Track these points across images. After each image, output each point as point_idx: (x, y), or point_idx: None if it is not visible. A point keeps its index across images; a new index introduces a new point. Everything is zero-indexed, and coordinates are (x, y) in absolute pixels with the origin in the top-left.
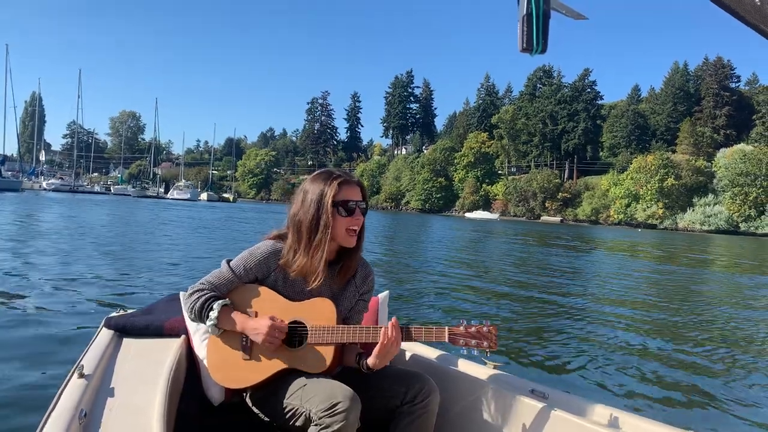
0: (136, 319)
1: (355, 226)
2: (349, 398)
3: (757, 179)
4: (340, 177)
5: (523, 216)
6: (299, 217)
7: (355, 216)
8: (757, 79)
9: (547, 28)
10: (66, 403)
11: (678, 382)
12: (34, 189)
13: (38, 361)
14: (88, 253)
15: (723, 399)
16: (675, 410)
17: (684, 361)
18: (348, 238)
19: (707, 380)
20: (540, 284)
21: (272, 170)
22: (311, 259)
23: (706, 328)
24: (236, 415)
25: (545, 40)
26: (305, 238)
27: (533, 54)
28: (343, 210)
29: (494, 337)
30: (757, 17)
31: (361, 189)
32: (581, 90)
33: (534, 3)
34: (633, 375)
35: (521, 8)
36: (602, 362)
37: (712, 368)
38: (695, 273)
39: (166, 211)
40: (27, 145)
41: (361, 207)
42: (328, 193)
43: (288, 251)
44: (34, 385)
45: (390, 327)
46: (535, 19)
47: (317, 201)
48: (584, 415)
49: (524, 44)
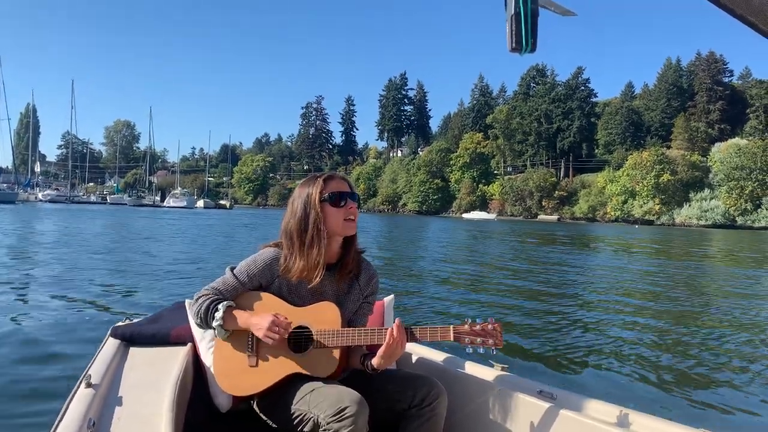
0: (142, 327)
1: (351, 215)
2: (357, 403)
3: (752, 173)
4: (324, 174)
5: (520, 215)
6: (290, 225)
7: (347, 204)
8: (750, 73)
9: (535, 27)
10: (74, 413)
11: (688, 379)
12: (30, 200)
13: (45, 372)
14: (90, 264)
15: (735, 396)
16: (686, 408)
17: (695, 357)
18: (347, 227)
19: (718, 377)
20: (543, 283)
21: (268, 176)
22: (308, 258)
23: (717, 325)
24: (244, 422)
25: (534, 39)
26: (298, 241)
27: (522, 53)
28: (334, 200)
29: (499, 335)
30: (744, 8)
31: (348, 183)
32: (575, 88)
33: (522, 2)
34: (642, 373)
35: (509, 8)
36: (610, 361)
37: (725, 365)
38: (701, 268)
39: (163, 220)
40: (22, 157)
41: (352, 196)
42: (314, 191)
43: (286, 260)
44: (42, 396)
45: (395, 328)
46: (524, 18)
47: (304, 202)
48: (593, 415)
49: (513, 44)
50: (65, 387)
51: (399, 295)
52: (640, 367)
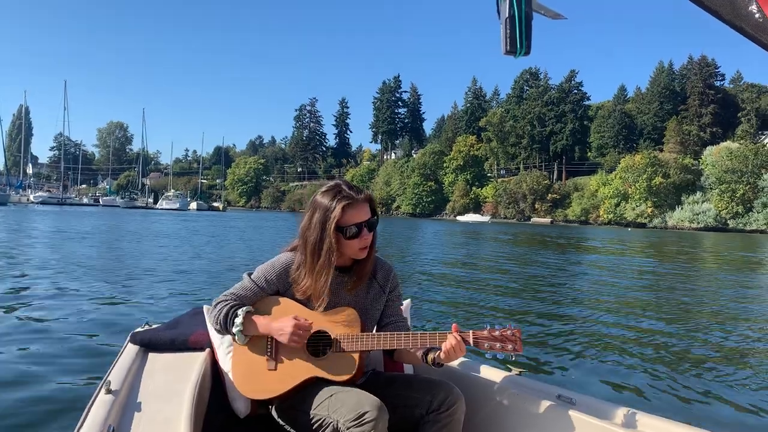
0: (160, 333)
1: (364, 245)
2: (377, 408)
3: (743, 176)
4: (345, 199)
5: (513, 218)
6: (306, 236)
7: (362, 236)
8: (741, 77)
9: (530, 30)
10: (94, 419)
11: (710, 381)
12: (22, 202)
13: (65, 378)
14: (100, 268)
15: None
16: (709, 412)
17: (715, 358)
18: (359, 254)
19: (739, 377)
20: (548, 287)
21: (262, 178)
22: (315, 283)
23: (736, 325)
24: (262, 427)
25: (528, 42)
26: (310, 260)
27: (517, 56)
28: (350, 231)
29: (519, 340)
30: (731, 13)
31: (370, 203)
32: (568, 91)
33: (516, 5)
34: (663, 377)
35: (503, 11)
36: (630, 365)
37: (747, 365)
38: (705, 272)
39: (156, 223)
40: (14, 159)
41: (370, 224)
42: (331, 218)
43: (298, 268)
44: (63, 402)
45: (452, 337)
46: (518, 22)
47: (321, 222)
48: (614, 420)
49: (508, 47)
50: (85, 393)
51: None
52: (661, 371)
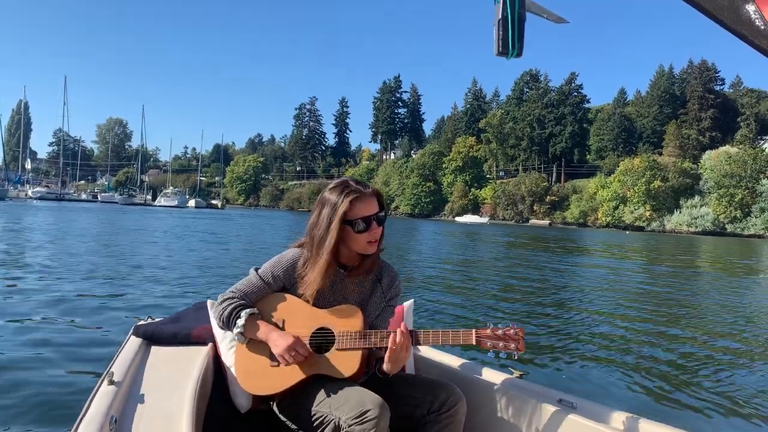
0: (164, 326)
1: (373, 238)
2: (379, 406)
3: (742, 181)
4: (353, 193)
5: (511, 219)
6: (314, 232)
7: (371, 230)
8: (741, 81)
9: (522, 31)
10: (97, 410)
11: (712, 387)
12: (20, 197)
13: (68, 369)
14: (102, 263)
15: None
16: (710, 418)
17: (717, 363)
18: (368, 248)
19: (741, 383)
20: (548, 289)
21: (261, 176)
22: (321, 278)
23: (739, 330)
24: (264, 422)
25: (521, 44)
26: (316, 255)
27: (509, 58)
28: (358, 226)
29: (521, 340)
30: (733, 20)
31: (378, 197)
32: (568, 94)
33: (509, 7)
34: (666, 381)
35: (496, 12)
36: (632, 370)
37: (750, 370)
38: (705, 276)
39: (155, 220)
40: (13, 154)
41: (378, 218)
42: (339, 211)
43: (305, 264)
44: (65, 392)
45: (398, 333)
46: (511, 23)
47: (329, 217)
48: (615, 426)
49: (500, 48)
50: (88, 384)
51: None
52: (663, 375)
